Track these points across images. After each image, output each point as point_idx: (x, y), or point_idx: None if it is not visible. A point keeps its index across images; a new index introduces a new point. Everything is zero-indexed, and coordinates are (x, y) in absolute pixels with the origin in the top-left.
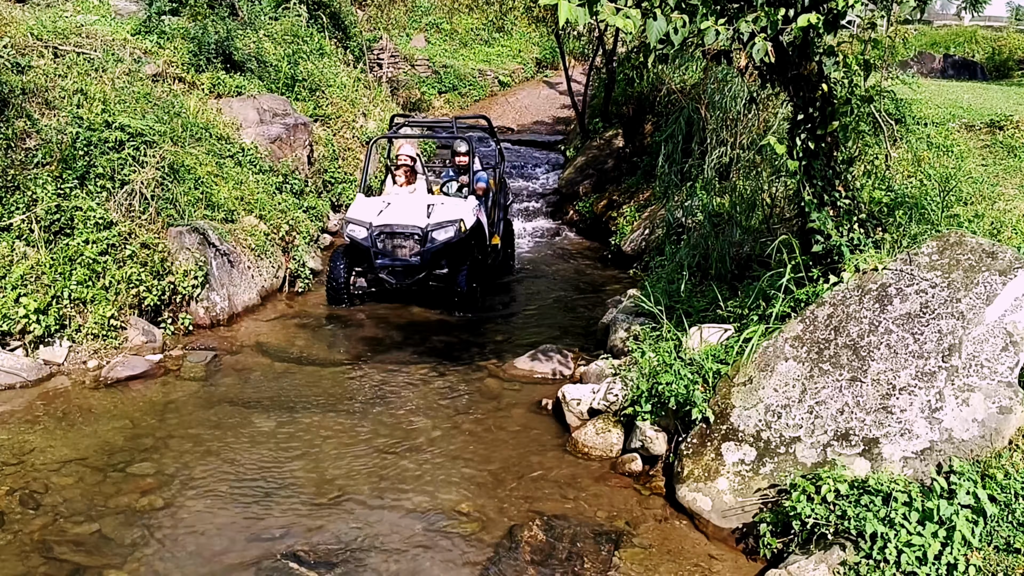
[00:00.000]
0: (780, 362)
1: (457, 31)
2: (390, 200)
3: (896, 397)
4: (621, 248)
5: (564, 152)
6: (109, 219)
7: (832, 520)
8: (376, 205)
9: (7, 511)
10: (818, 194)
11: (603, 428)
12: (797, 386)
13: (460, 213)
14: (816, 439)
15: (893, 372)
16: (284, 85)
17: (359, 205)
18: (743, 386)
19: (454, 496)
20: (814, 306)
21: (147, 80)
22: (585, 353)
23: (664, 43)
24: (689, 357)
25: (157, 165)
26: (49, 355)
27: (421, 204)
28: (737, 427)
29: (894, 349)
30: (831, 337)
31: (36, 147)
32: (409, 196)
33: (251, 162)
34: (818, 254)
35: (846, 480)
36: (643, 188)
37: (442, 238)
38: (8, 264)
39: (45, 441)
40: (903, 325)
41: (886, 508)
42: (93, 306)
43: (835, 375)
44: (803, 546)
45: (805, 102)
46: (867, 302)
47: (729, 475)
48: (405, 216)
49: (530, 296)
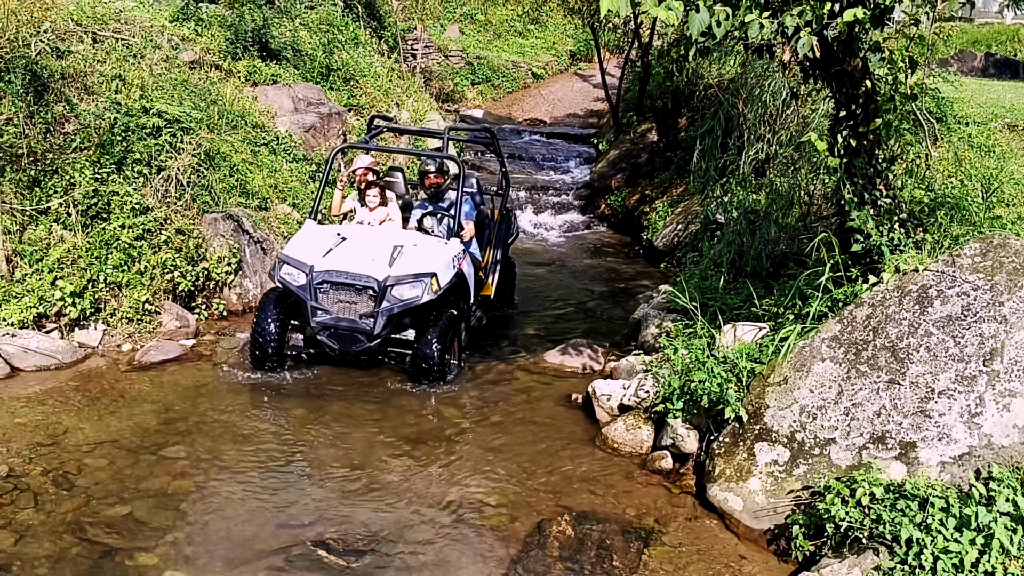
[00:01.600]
0: (816, 362)
1: (491, 22)
2: (345, 234)
3: (935, 401)
4: (653, 243)
5: (597, 145)
6: (145, 204)
7: (866, 524)
8: (325, 240)
9: (41, 491)
10: (859, 192)
11: (633, 424)
12: (833, 387)
13: (435, 263)
14: (852, 441)
15: (932, 375)
16: (319, 74)
17: (303, 238)
18: (778, 386)
19: (482, 488)
20: (852, 306)
21: (184, 67)
22: (616, 348)
23: (706, 36)
24: (722, 355)
25: (193, 152)
26: (84, 338)
27: (385, 244)
28: (771, 427)
29: (934, 352)
30: (869, 338)
31: (75, 132)
32: (372, 230)
33: (285, 150)
34: (857, 254)
35: (882, 484)
36: (676, 183)
37: (405, 297)
38: (45, 247)
39: (79, 423)
40: (943, 328)
41: (922, 513)
42: (128, 290)
43: (872, 377)
44: (836, 549)
45: (848, 99)
46: (907, 303)
47: (761, 475)
48: (359, 260)
49: (561, 290)
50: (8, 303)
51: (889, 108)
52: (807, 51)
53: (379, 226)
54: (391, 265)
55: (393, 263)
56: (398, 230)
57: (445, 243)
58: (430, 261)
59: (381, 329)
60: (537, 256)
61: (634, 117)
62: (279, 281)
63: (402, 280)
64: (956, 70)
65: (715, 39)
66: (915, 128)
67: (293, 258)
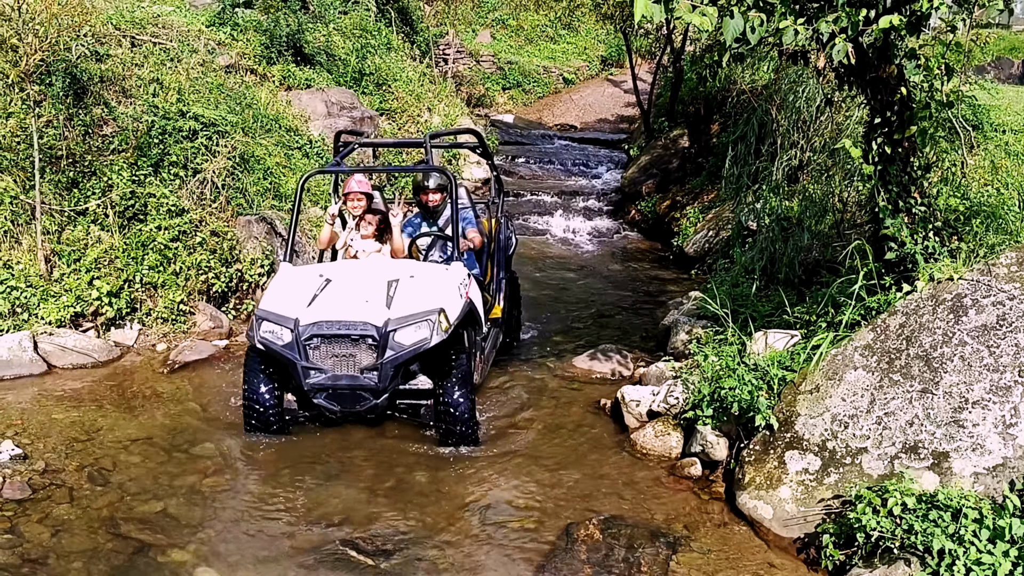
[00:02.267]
0: (849, 371)
1: (523, 27)
2: (329, 275)
3: (968, 411)
4: (683, 249)
5: (627, 151)
6: (181, 206)
7: (898, 534)
8: (306, 285)
9: (76, 487)
10: (893, 200)
11: (662, 431)
12: (866, 396)
13: (440, 296)
14: (884, 451)
15: (966, 385)
16: (352, 79)
17: (280, 288)
18: (809, 394)
19: (510, 492)
20: (886, 315)
21: (220, 71)
22: (645, 354)
23: (740, 42)
24: (753, 362)
25: (228, 155)
26: (120, 337)
27: (377, 281)
28: (802, 436)
29: (968, 362)
30: (902, 347)
31: (113, 134)
32: (359, 265)
33: (318, 154)
34: (891, 262)
35: (914, 494)
36: (708, 189)
37: (411, 342)
38: (83, 247)
39: (114, 420)
40: (978, 337)
41: (955, 524)
42: (163, 291)
43: (905, 386)
44: (867, 559)
45: (883, 105)
46: (941, 312)
47: (792, 484)
48: (351, 304)
49: (590, 295)
50: (46, 302)
51: (924, 115)
52: (842, 58)
53: (367, 260)
54: (389, 305)
55: (391, 303)
56: (389, 261)
57: (446, 269)
58: (434, 294)
59: (388, 383)
60: (566, 261)
61: (665, 123)
62: (260, 344)
63: (405, 322)
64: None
65: (749, 45)
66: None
67: (273, 313)
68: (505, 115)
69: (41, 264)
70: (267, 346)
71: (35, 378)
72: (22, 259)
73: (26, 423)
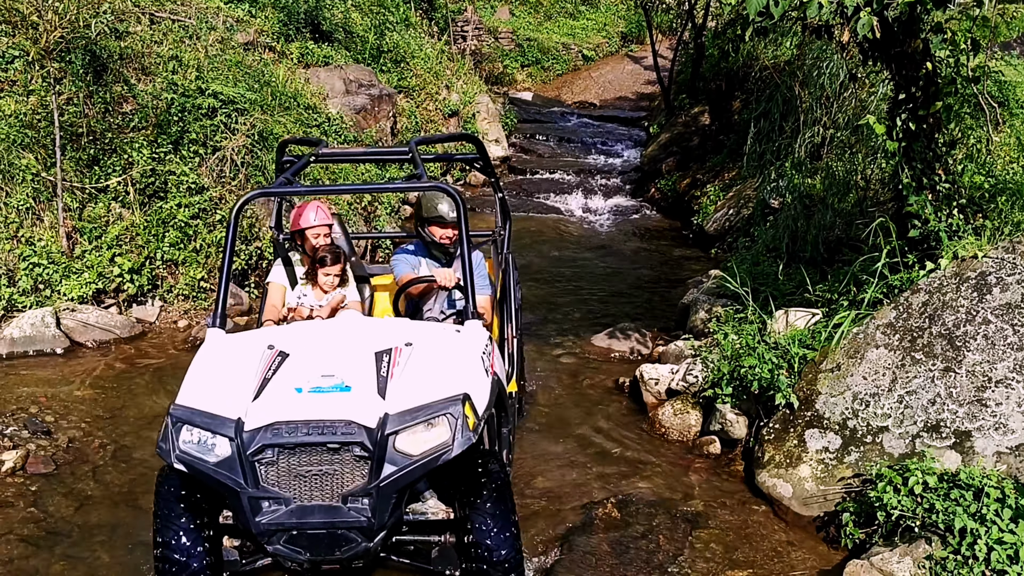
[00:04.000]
0: (870, 349)
1: (542, 3)
2: (285, 344)
3: (992, 390)
4: (703, 228)
5: (647, 128)
6: (201, 184)
7: (919, 513)
8: (249, 364)
9: (100, 463)
10: (917, 177)
11: (681, 409)
12: (887, 375)
13: (460, 374)
14: (905, 429)
15: (989, 364)
16: (370, 56)
17: (207, 370)
18: (830, 373)
19: (529, 469)
20: (908, 293)
21: (239, 48)
22: (664, 333)
23: (763, 16)
24: (774, 341)
25: (247, 132)
26: (141, 314)
27: (360, 353)
28: (822, 414)
29: (991, 340)
30: (925, 325)
31: (132, 112)
32: (330, 327)
33: (336, 132)
34: (914, 239)
35: (935, 473)
36: (729, 167)
37: (421, 450)
38: (104, 224)
39: (136, 396)
40: (1002, 316)
41: (977, 503)
42: (184, 268)
43: (928, 365)
44: (887, 538)
45: (907, 81)
46: (965, 291)
47: (812, 462)
48: (323, 393)
49: (609, 274)
50: (68, 279)
51: (950, 91)
52: (867, 32)
53: (334, 318)
54: (384, 393)
55: (386, 388)
56: (371, 321)
57: (457, 331)
58: (450, 372)
59: (386, 516)
60: (585, 240)
61: (686, 100)
62: (179, 461)
63: (412, 419)
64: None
65: (772, 19)
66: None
67: (198, 412)
68: (524, 93)
69: (63, 241)
70: (191, 465)
71: (58, 354)
72: (44, 236)
73: (50, 399)
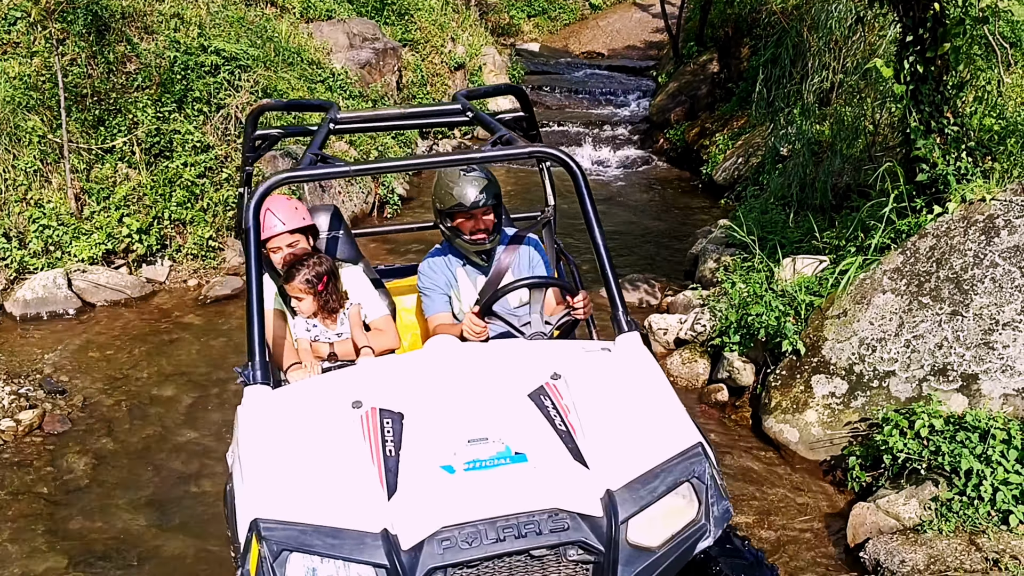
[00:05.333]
0: (877, 295)
1: None
2: (382, 394)
3: (999, 333)
4: (712, 178)
5: (656, 78)
6: (206, 143)
7: (925, 456)
8: (343, 432)
9: (115, 420)
10: (925, 120)
11: (689, 358)
12: (894, 320)
13: (670, 415)
14: (912, 374)
15: (997, 307)
16: (373, 8)
17: (272, 446)
18: (837, 319)
19: None
20: (916, 237)
21: (240, 4)
22: (672, 283)
23: None
24: (781, 288)
25: (251, 89)
26: (151, 273)
27: (507, 393)
28: (829, 360)
29: (999, 283)
30: (932, 270)
31: (136, 71)
32: (430, 359)
33: (341, 87)
34: (922, 183)
35: (941, 416)
36: (738, 115)
37: (661, 540)
38: (112, 185)
39: (149, 355)
40: (1010, 258)
41: (983, 445)
42: (192, 227)
43: (935, 309)
44: (893, 480)
45: (915, 22)
46: (972, 234)
47: (818, 408)
48: (495, 474)
49: (617, 225)
50: (78, 240)
51: (958, 32)
52: None
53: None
54: (577, 453)
55: (577, 446)
56: (476, 348)
57: (607, 350)
58: (650, 412)
59: None
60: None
61: (695, 48)
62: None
63: (648, 492)
64: None
65: None
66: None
67: (312, 529)
68: (530, 44)
69: (71, 202)
70: None
71: (71, 315)
72: (53, 198)
73: (64, 359)
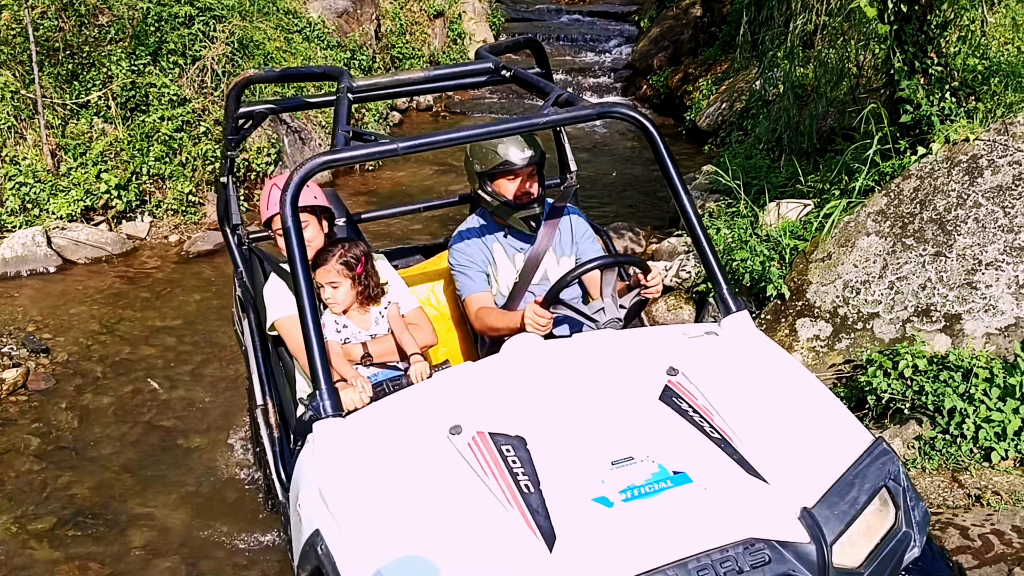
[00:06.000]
0: (861, 237)
1: None
2: (487, 416)
3: (982, 272)
4: (696, 124)
5: (638, 23)
6: (183, 96)
7: (909, 395)
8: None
9: (101, 377)
10: (909, 61)
11: (675, 305)
12: (878, 262)
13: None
14: (895, 315)
15: (980, 247)
16: None
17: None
18: (821, 262)
19: None
20: (899, 179)
21: None
22: (657, 231)
23: None
24: (765, 233)
25: (227, 40)
26: (132, 230)
27: (635, 399)
28: (813, 303)
29: (982, 223)
30: (916, 211)
31: (109, 23)
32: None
33: (318, 37)
34: (906, 125)
35: (925, 356)
36: (721, 60)
37: (862, 558)
38: (88, 141)
39: (132, 312)
40: (993, 198)
41: (966, 384)
42: (171, 182)
43: (918, 250)
44: (877, 420)
45: None
46: (956, 174)
47: (803, 351)
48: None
49: (601, 174)
50: (56, 197)
51: None
52: None
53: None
54: (747, 465)
55: (743, 457)
56: (567, 344)
57: (714, 333)
58: (800, 406)
59: None
60: (576, 141)
61: None
62: None
63: (849, 505)
64: None
65: None
66: None
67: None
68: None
69: (48, 159)
70: None
71: (51, 273)
72: (28, 155)
73: (46, 317)
